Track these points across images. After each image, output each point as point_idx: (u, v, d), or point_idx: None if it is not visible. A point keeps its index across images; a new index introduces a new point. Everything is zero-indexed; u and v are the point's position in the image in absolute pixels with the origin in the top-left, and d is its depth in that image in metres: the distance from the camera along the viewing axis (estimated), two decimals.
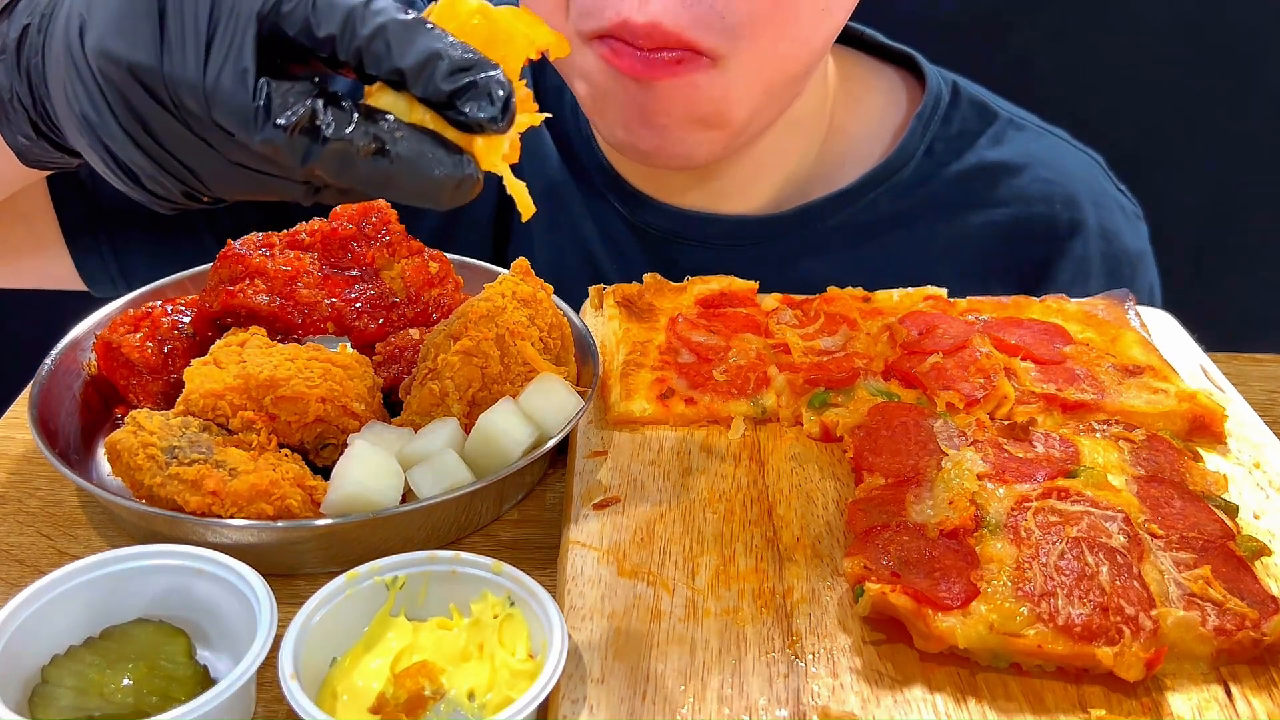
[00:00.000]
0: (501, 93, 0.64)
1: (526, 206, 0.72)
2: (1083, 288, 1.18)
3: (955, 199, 1.22)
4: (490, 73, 0.64)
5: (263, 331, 0.92)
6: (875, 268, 1.11)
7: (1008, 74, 1.79)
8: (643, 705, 0.68)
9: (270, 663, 0.67)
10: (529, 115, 0.69)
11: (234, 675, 0.65)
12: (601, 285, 1.09)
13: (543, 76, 1.26)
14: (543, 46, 0.70)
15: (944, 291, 1.07)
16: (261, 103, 0.63)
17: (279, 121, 0.63)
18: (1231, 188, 2.08)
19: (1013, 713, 0.69)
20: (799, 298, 1.06)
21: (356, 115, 0.65)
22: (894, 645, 0.73)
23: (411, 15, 0.65)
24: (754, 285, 1.08)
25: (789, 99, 1.10)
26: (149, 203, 0.72)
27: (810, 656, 0.72)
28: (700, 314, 1.03)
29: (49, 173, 0.83)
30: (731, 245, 1.20)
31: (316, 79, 0.66)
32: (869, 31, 1.29)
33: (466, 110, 0.64)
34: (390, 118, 0.65)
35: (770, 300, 1.06)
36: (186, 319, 0.96)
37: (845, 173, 1.22)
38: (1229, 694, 0.70)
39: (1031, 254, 1.23)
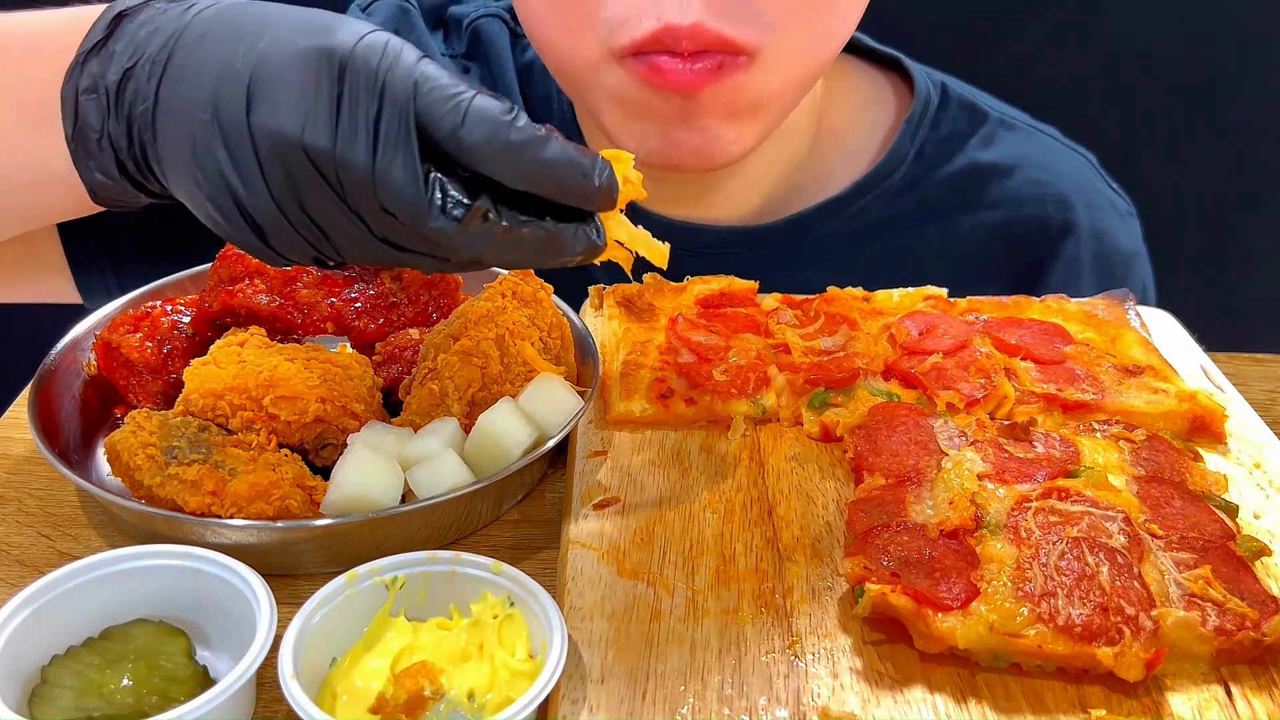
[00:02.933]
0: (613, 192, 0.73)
1: (659, 256, 0.81)
2: (1075, 288, 1.18)
3: (946, 202, 1.22)
4: (605, 170, 0.72)
5: (262, 331, 0.92)
6: (868, 274, 1.11)
7: (1006, 74, 1.79)
8: (643, 705, 0.68)
9: (270, 663, 0.67)
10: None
11: (234, 675, 0.65)
12: (601, 285, 1.09)
13: (529, 85, 1.25)
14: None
15: (944, 291, 1.07)
16: (435, 196, 0.68)
17: (455, 214, 0.68)
18: (1231, 188, 2.08)
19: (1013, 713, 0.69)
20: (799, 298, 1.06)
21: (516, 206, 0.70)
22: (894, 645, 0.73)
23: (543, 134, 0.69)
24: (754, 285, 1.07)
25: (809, 89, 1.10)
26: (265, 256, 0.74)
27: (810, 656, 0.72)
28: (700, 314, 1.03)
29: (105, 209, 0.86)
30: (724, 255, 1.20)
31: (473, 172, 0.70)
32: (857, 35, 1.29)
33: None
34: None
35: (770, 300, 1.06)
36: (186, 319, 0.95)
37: (835, 178, 1.22)
38: (1229, 694, 0.70)
39: (1024, 256, 1.22)
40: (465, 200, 0.68)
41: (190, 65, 0.72)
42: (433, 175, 0.68)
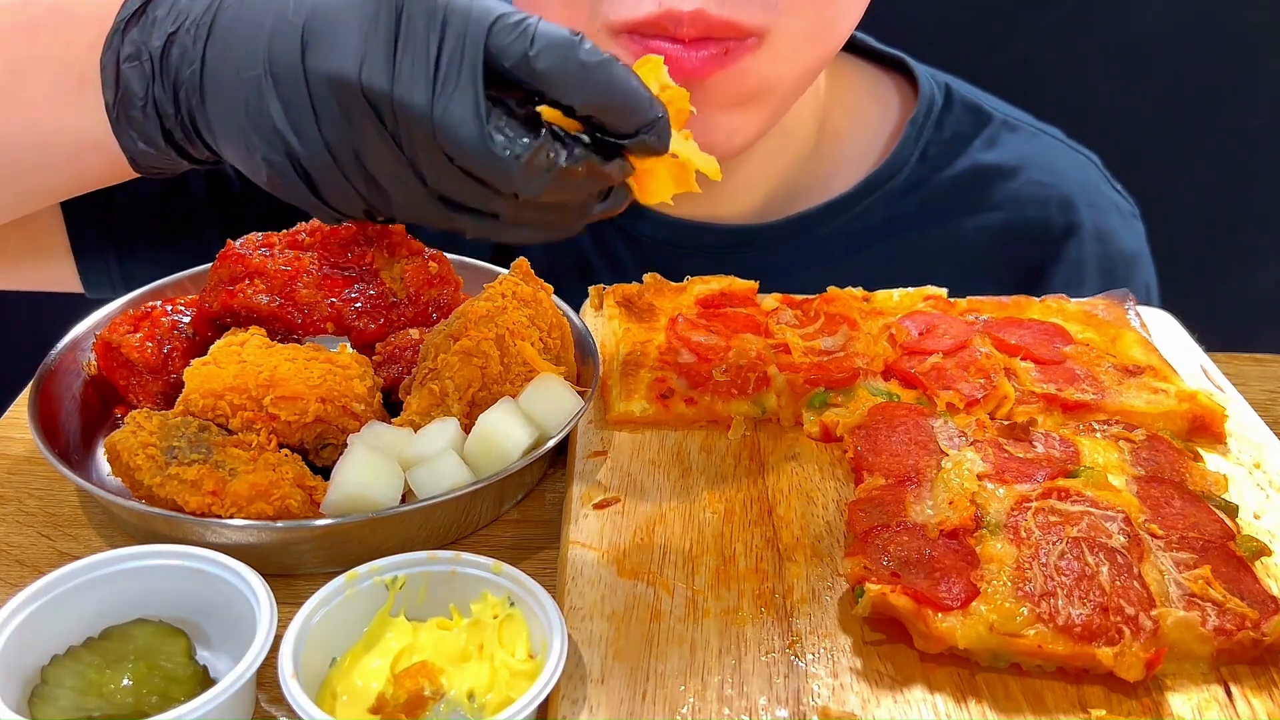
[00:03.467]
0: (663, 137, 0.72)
1: (713, 170, 0.78)
2: (1078, 289, 1.18)
3: (950, 204, 1.22)
4: (660, 116, 0.71)
5: (262, 331, 0.92)
6: (871, 274, 1.11)
7: (1007, 74, 1.79)
8: (643, 705, 0.68)
9: (270, 663, 0.67)
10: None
11: (234, 675, 0.65)
12: (601, 285, 1.09)
13: None
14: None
15: (944, 291, 1.07)
16: (494, 133, 0.67)
17: (516, 152, 0.67)
18: (1231, 188, 2.08)
19: (1013, 713, 0.69)
20: (799, 298, 1.06)
21: (570, 140, 0.69)
22: (894, 645, 0.73)
23: (609, 56, 0.69)
24: (754, 285, 1.07)
25: (813, 78, 1.10)
26: (318, 211, 0.74)
27: (810, 656, 0.72)
28: (700, 314, 1.03)
29: (142, 176, 0.86)
30: (727, 253, 1.20)
31: (530, 105, 0.70)
32: (861, 35, 1.29)
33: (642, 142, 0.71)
34: (584, 140, 0.71)
35: (770, 300, 1.06)
36: (186, 319, 0.95)
37: (838, 178, 1.22)
38: (1229, 694, 0.70)
39: (1026, 257, 1.22)
40: (525, 138, 0.67)
41: (238, 24, 0.72)
42: (494, 112, 0.67)
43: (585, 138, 0.71)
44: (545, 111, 0.70)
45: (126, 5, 0.78)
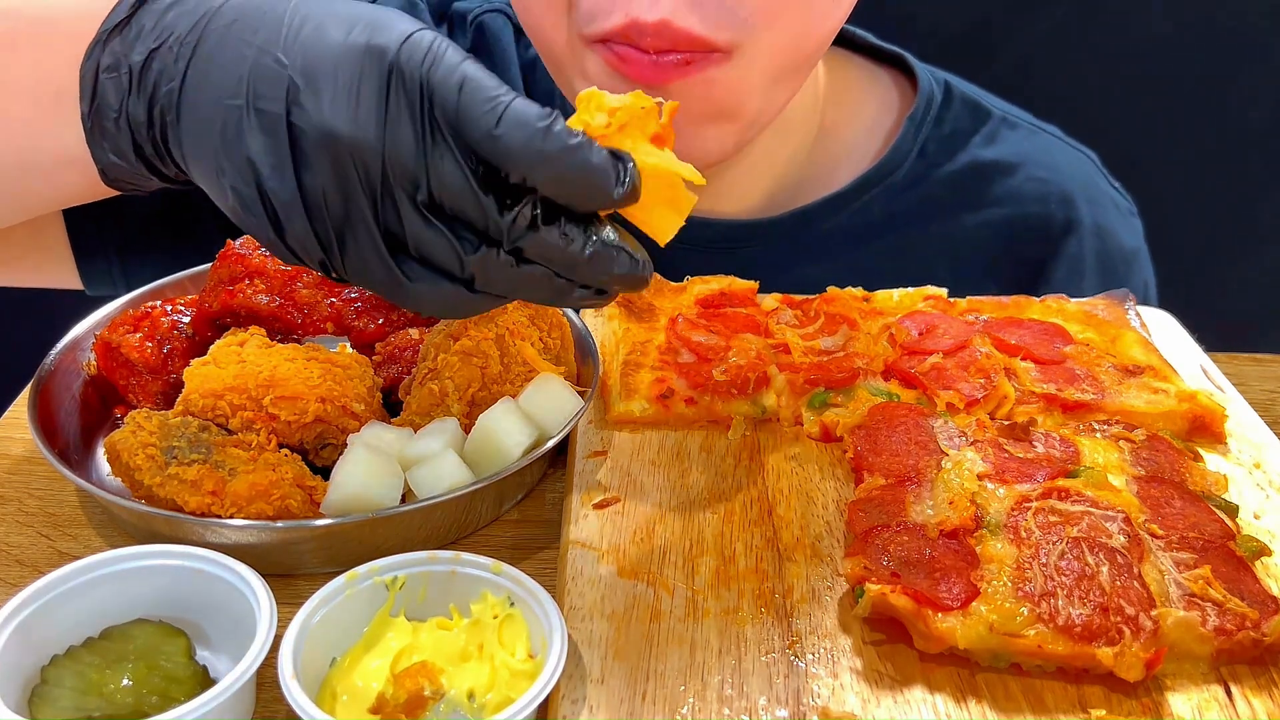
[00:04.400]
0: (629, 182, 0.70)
1: (693, 174, 0.75)
2: (1077, 286, 1.18)
3: (949, 200, 1.22)
4: (630, 174, 0.70)
5: (262, 331, 0.92)
6: (870, 270, 1.11)
7: (1008, 73, 1.79)
8: (643, 705, 0.68)
9: (270, 663, 0.67)
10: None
11: (234, 675, 0.65)
12: None
13: (533, 81, 1.25)
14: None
15: (944, 291, 1.07)
16: (481, 189, 0.68)
17: (511, 219, 0.68)
18: (1231, 187, 2.08)
19: (1013, 713, 0.69)
20: (799, 298, 1.06)
21: (572, 224, 0.70)
22: (894, 645, 0.73)
23: (576, 142, 0.68)
24: (754, 285, 1.07)
25: (795, 89, 1.10)
26: (276, 249, 0.73)
27: (810, 656, 0.72)
28: (700, 314, 1.03)
29: (117, 194, 0.87)
30: (725, 249, 1.20)
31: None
32: (859, 33, 1.28)
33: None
34: (610, 234, 0.72)
35: (770, 300, 1.06)
36: (186, 319, 0.95)
37: (838, 174, 1.22)
38: (1229, 694, 0.70)
39: (1026, 254, 1.22)
40: (509, 200, 0.69)
41: (223, 49, 0.72)
42: (480, 170, 0.68)
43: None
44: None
45: (111, 17, 0.78)
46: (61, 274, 1.16)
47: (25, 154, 0.84)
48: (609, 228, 0.72)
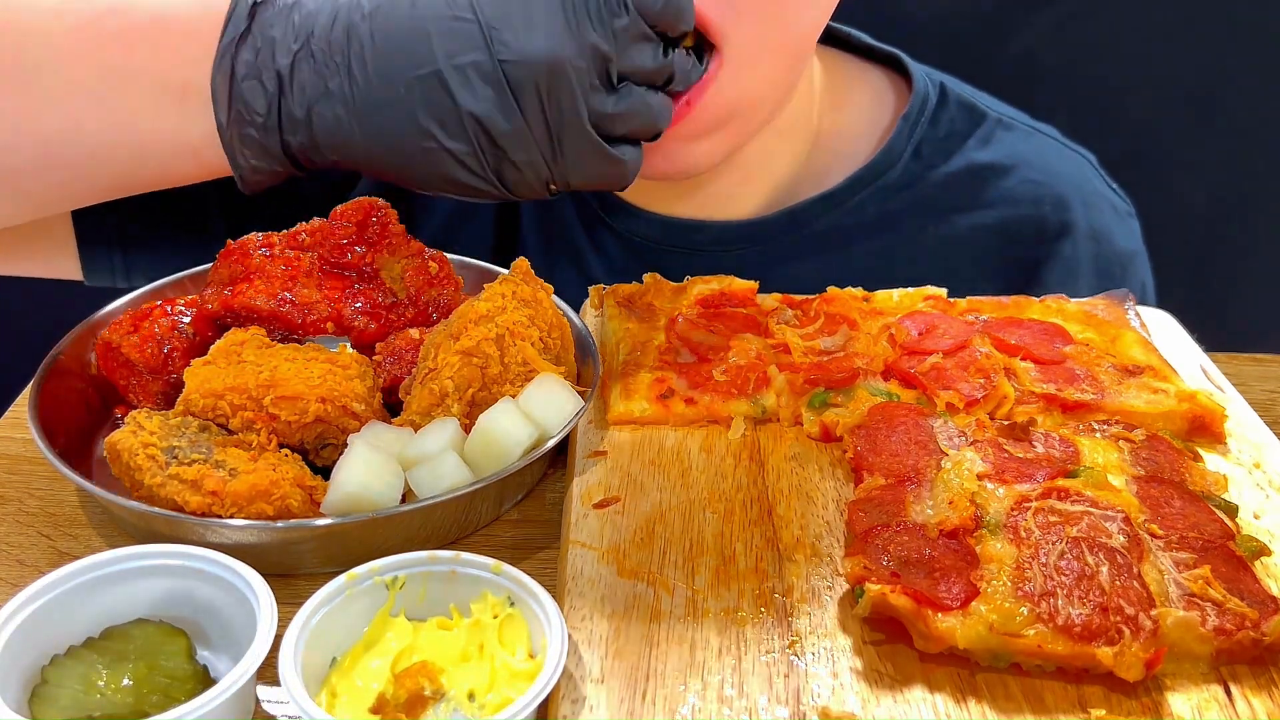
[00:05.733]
0: None
1: None
2: (1072, 289, 1.18)
3: (943, 201, 1.22)
4: None
5: (263, 331, 0.92)
6: (864, 270, 1.11)
7: (1007, 72, 1.79)
8: (643, 705, 0.68)
9: (270, 663, 0.67)
10: None
11: (234, 675, 0.65)
12: (601, 285, 1.09)
13: None
14: None
15: (944, 291, 1.07)
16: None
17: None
18: (1231, 188, 2.08)
19: (1013, 713, 0.69)
20: (799, 298, 1.06)
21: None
22: (894, 645, 0.73)
23: None
24: (754, 285, 1.07)
25: (785, 92, 1.10)
26: (491, 195, 0.87)
27: (810, 656, 0.72)
28: (700, 314, 1.03)
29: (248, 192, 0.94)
30: (719, 251, 1.20)
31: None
32: (855, 33, 1.28)
33: None
34: None
35: (770, 300, 1.06)
36: (186, 319, 0.95)
37: (833, 176, 1.22)
38: (1229, 694, 0.70)
39: (1020, 256, 1.22)
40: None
41: (385, 33, 0.81)
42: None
43: None
44: None
45: (231, 27, 0.83)
46: (66, 263, 1.16)
47: (144, 144, 0.90)
48: None
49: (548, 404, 0.86)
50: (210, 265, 0.97)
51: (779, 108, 1.11)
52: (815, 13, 1.04)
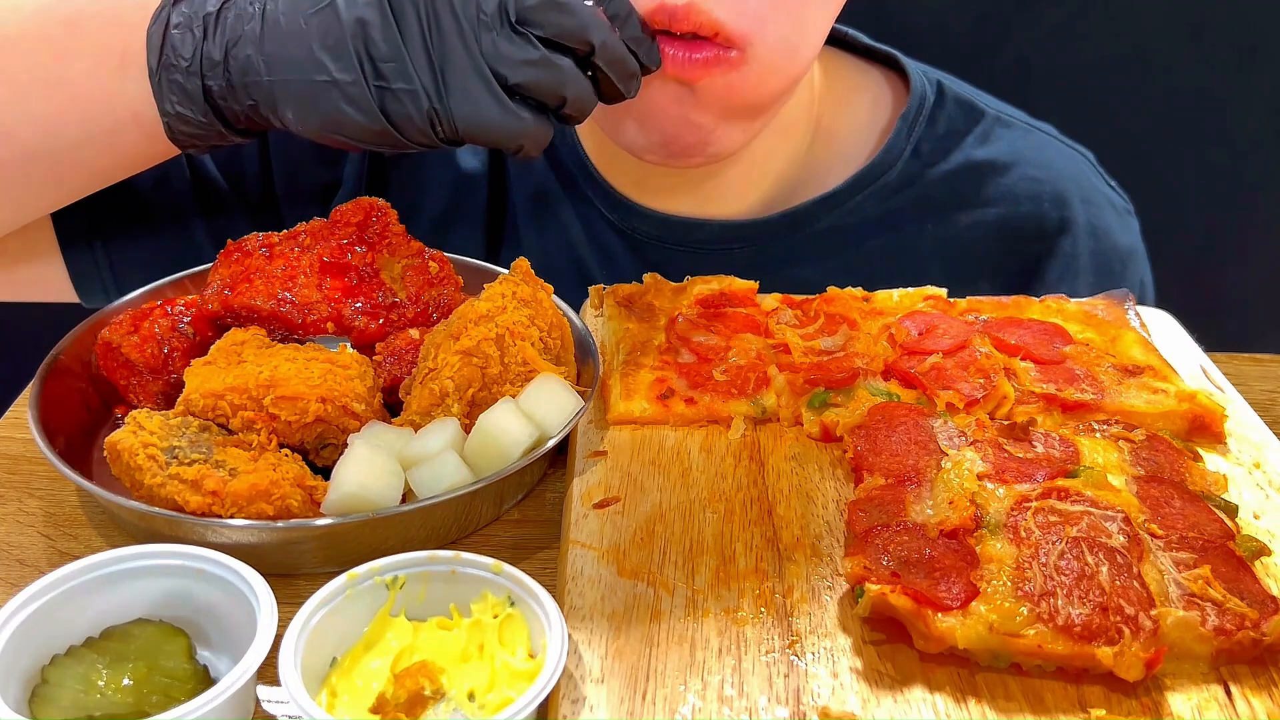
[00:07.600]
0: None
1: None
2: (1072, 286, 1.18)
3: (943, 199, 1.22)
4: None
5: (263, 331, 0.92)
6: (864, 270, 1.11)
7: (1006, 73, 1.79)
8: (643, 705, 0.68)
9: (270, 663, 0.67)
10: None
11: (234, 675, 0.65)
12: (601, 285, 1.09)
13: None
14: None
15: (944, 291, 1.07)
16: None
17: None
18: (1231, 187, 2.08)
19: (1013, 713, 0.69)
20: (799, 298, 1.06)
21: None
22: (894, 645, 0.73)
23: None
24: (754, 285, 1.08)
25: (794, 86, 1.11)
26: (380, 138, 0.86)
27: (810, 656, 0.72)
28: (700, 314, 1.03)
29: (171, 156, 0.97)
30: (719, 249, 1.20)
31: None
32: (852, 32, 1.29)
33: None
34: None
35: (770, 300, 1.06)
36: (186, 319, 0.95)
37: (833, 175, 1.22)
38: (1229, 694, 0.70)
39: (1020, 253, 1.23)
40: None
41: None
42: None
43: None
44: None
45: None
46: (58, 284, 1.16)
47: (86, 118, 0.92)
48: None
49: (548, 404, 0.87)
50: (210, 265, 0.97)
51: (785, 103, 1.12)
52: (826, 12, 1.06)
